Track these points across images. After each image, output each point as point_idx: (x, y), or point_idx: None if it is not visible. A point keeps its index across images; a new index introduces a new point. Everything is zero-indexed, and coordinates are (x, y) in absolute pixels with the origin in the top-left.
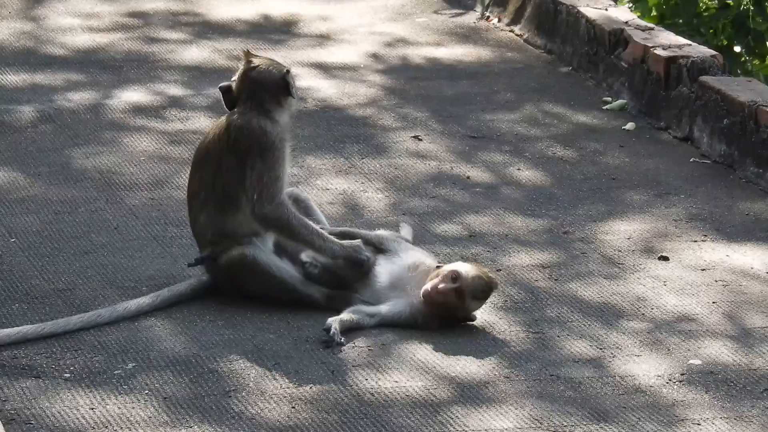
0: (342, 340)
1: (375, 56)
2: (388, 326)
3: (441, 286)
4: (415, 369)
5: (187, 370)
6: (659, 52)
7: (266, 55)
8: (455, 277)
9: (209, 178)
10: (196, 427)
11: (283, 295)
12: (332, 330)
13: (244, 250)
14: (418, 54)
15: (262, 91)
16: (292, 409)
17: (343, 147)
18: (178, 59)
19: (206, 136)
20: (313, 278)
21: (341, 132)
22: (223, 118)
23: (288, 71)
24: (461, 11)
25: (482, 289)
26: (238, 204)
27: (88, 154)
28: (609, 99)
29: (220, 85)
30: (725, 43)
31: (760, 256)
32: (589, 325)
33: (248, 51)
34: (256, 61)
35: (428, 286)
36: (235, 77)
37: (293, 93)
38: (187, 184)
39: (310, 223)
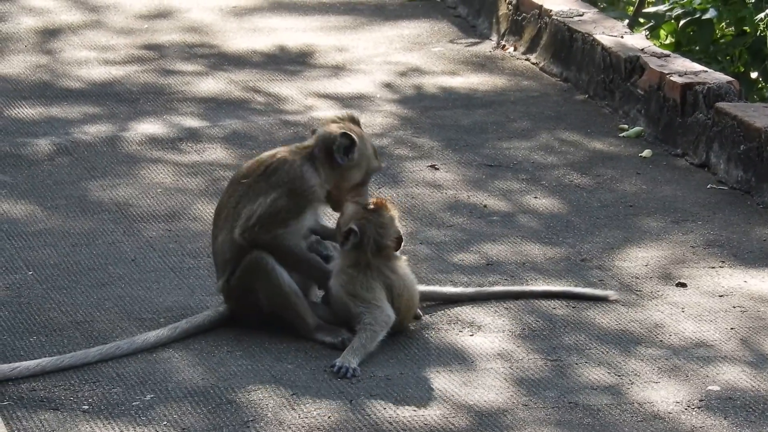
0: (356, 371)
1: (390, 86)
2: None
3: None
4: (434, 397)
5: (206, 401)
6: (675, 78)
7: (282, 85)
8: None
9: (236, 198)
10: None
11: (281, 311)
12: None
13: (263, 255)
14: (433, 83)
15: (322, 147)
16: None
17: None
18: (194, 91)
19: (255, 158)
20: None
21: None
22: (279, 148)
23: (342, 146)
24: (477, 40)
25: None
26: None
27: (105, 186)
28: (625, 126)
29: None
30: (741, 69)
31: None
32: (607, 352)
33: (352, 116)
34: (338, 124)
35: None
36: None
37: (340, 161)
38: (209, 211)
39: (312, 257)
